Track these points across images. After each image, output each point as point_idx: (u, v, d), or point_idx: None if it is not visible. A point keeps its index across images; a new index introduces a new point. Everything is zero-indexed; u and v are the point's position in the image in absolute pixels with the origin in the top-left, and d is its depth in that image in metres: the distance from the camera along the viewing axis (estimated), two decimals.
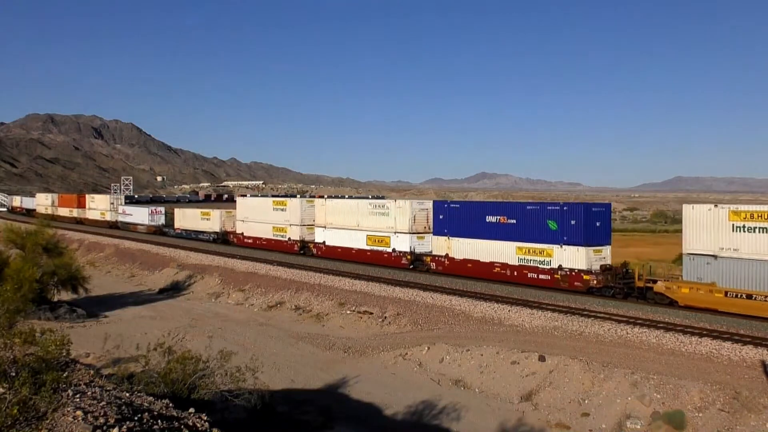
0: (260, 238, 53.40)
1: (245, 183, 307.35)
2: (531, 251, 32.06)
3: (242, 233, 55.61)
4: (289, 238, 49.93)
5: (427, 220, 39.38)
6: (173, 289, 42.20)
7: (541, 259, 31.47)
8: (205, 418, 9.11)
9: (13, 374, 8.97)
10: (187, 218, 65.47)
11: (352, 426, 17.96)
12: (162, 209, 74.69)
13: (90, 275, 38.17)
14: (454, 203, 38.21)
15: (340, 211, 44.95)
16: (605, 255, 30.85)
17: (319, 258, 45.57)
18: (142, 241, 61.35)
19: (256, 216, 54.29)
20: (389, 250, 40.63)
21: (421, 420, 18.49)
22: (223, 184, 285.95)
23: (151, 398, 9.86)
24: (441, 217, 37.37)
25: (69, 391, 8.76)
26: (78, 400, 8.45)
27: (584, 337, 23.32)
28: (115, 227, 78.82)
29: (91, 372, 11.62)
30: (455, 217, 36.18)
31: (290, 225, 49.77)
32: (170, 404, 9.54)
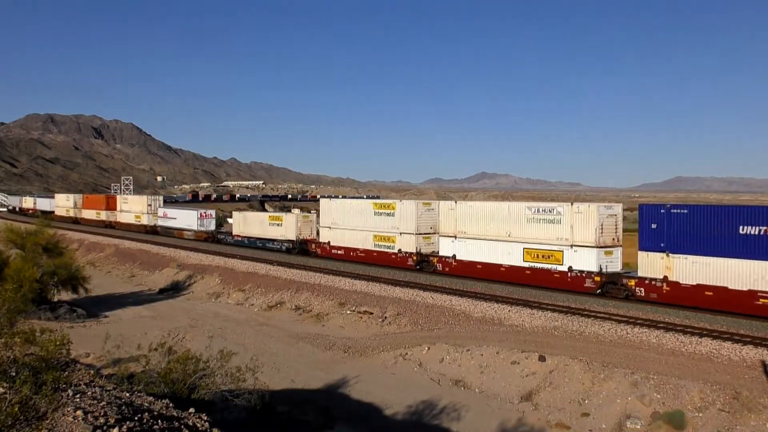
0: (355, 249, 43.70)
1: (245, 183, 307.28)
2: None
3: (328, 242, 46.05)
4: (399, 250, 40.39)
5: (616, 228, 30.78)
6: (173, 289, 42.20)
7: None
8: (205, 418, 9.12)
9: (14, 374, 8.97)
10: (251, 223, 56.49)
11: (352, 426, 17.97)
12: (213, 212, 66.81)
13: (90, 275, 38.18)
14: (677, 207, 27.75)
15: (480, 217, 35.43)
16: None
17: (445, 275, 36.87)
18: (142, 241, 61.32)
19: (349, 221, 44.34)
20: (562, 268, 30.97)
21: (421, 420, 18.50)
22: (223, 184, 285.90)
23: (151, 398, 9.86)
24: (654, 226, 27.83)
25: (69, 391, 8.77)
26: (78, 400, 8.45)
27: (584, 337, 23.32)
28: (153, 232, 70.57)
29: (91, 372, 11.63)
30: (679, 225, 27.02)
31: (400, 233, 40.35)
32: (170, 404, 9.55)
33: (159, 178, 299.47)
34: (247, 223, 57.02)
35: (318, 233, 49.28)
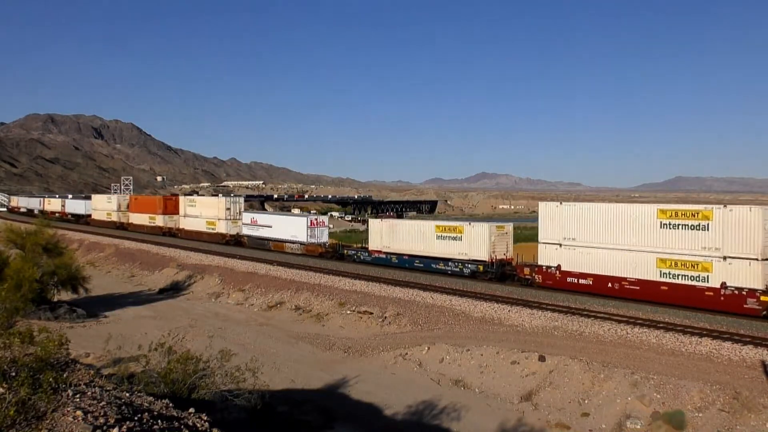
0: (621, 279, 29.02)
1: (245, 183, 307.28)
2: None
3: (557, 267, 31.60)
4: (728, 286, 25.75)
5: None
6: (173, 289, 42.19)
7: None
8: (205, 418, 9.10)
9: (13, 374, 8.96)
10: (403, 235, 41.61)
11: (352, 426, 17.95)
12: (325, 219, 54.79)
13: (90, 275, 38.14)
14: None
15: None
16: None
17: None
18: (142, 241, 61.29)
19: (596, 236, 30.12)
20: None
21: (421, 420, 18.49)
22: (223, 184, 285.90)
23: (151, 398, 9.85)
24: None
25: (69, 391, 8.76)
26: (78, 400, 8.44)
27: (584, 337, 23.31)
28: (236, 243, 57.76)
29: (91, 372, 11.61)
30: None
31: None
32: (170, 404, 9.54)
33: (159, 178, 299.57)
34: (396, 235, 42.19)
35: (533, 253, 34.54)
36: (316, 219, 52.51)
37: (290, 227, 52.32)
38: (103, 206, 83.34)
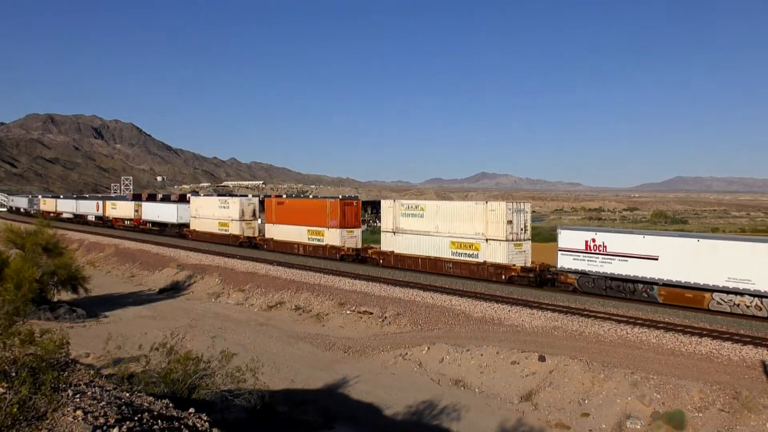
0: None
1: (245, 183, 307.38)
2: None
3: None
4: None
5: None
6: (173, 289, 42.19)
7: None
8: (205, 418, 9.11)
9: (13, 374, 8.96)
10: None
11: (352, 426, 17.96)
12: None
13: (90, 275, 38.14)
14: None
15: None
16: None
17: None
18: (142, 241, 61.28)
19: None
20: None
21: (421, 420, 18.49)
22: (223, 184, 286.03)
23: (151, 398, 9.87)
24: None
25: (69, 391, 8.76)
26: (78, 400, 8.44)
27: (584, 337, 23.32)
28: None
29: (91, 372, 11.61)
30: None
31: None
32: (170, 404, 9.55)
33: (159, 178, 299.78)
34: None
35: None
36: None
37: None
38: (212, 212, 59.36)
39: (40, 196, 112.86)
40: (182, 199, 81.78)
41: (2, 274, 27.36)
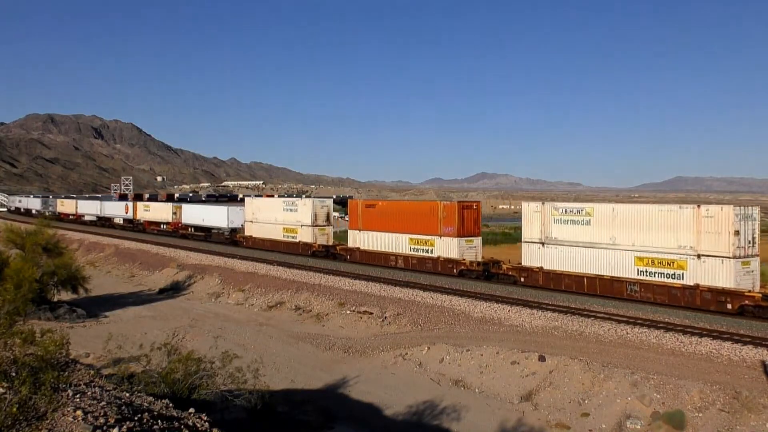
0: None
1: (245, 183, 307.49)
2: None
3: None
4: None
5: None
6: (173, 289, 42.19)
7: None
8: (205, 418, 9.11)
9: (13, 374, 8.96)
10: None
11: (352, 426, 17.96)
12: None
13: (90, 275, 38.16)
14: None
15: None
16: None
17: None
18: (142, 241, 61.28)
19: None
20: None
21: (421, 420, 18.49)
22: (223, 184, 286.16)
23: (151, 398, 9.87)
24: None
25: (69, 391, 8.76)
26: (78, 400, 8.45)
27: (584, 337, 23.32)
28: None
29: (91, 372, 11.62)
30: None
31: None
32: (170, 404, 9.55)
33: (159, 178, 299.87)
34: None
35: None
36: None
37: None
38: (275, 216, 51.26)
39: (50, 196, 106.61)
40: (233, 199, 76.48)
41: (2, 274, 27.37)
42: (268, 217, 52.43)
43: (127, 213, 77.12)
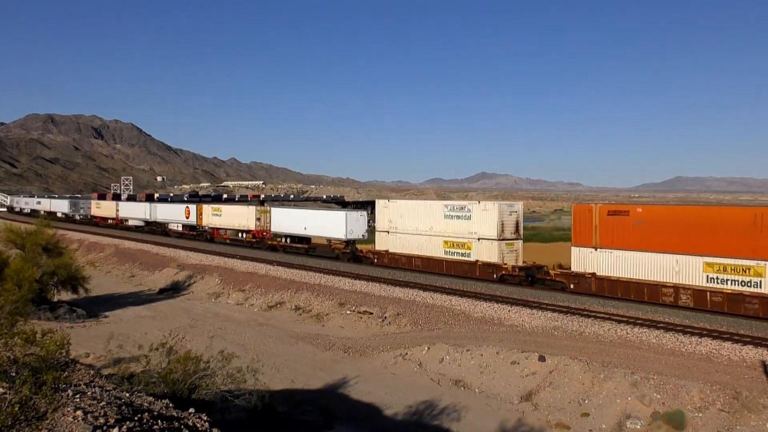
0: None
1: (245, 183, 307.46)
2: None
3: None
4: None
5: None
6: (173, 289, 42.19)
7: None
8: (205, 418, 9.11)
9: (14, 374, 8.97)
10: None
11: (352, 426, 17.96)
12: None
13: (90, 275, 38.15)
14: None
15: None
16: None
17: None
18: (142, 241, 61.28)
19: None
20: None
21: (421, 420, 18.49)
22: (223, 184, 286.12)
23: (151, 398, 9.87)
24: None
25: (69, 391, 8.77)
26: (78, 400, 8.45)
27: (584, 337, 23.32)
28: None
29: (91, 372, 11.62)
30: None
31: None
32: (170, 404, 9.55)
33: (159, 178, 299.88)
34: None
35: None
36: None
37: None
38: (430, 225, 38.83)
39: (79, 197, 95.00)
40: (353, 204, 59.32)
41: (2, 274, 27.38)
42: (418, 226, 39.75)
43: (188, 218, 63.69)
